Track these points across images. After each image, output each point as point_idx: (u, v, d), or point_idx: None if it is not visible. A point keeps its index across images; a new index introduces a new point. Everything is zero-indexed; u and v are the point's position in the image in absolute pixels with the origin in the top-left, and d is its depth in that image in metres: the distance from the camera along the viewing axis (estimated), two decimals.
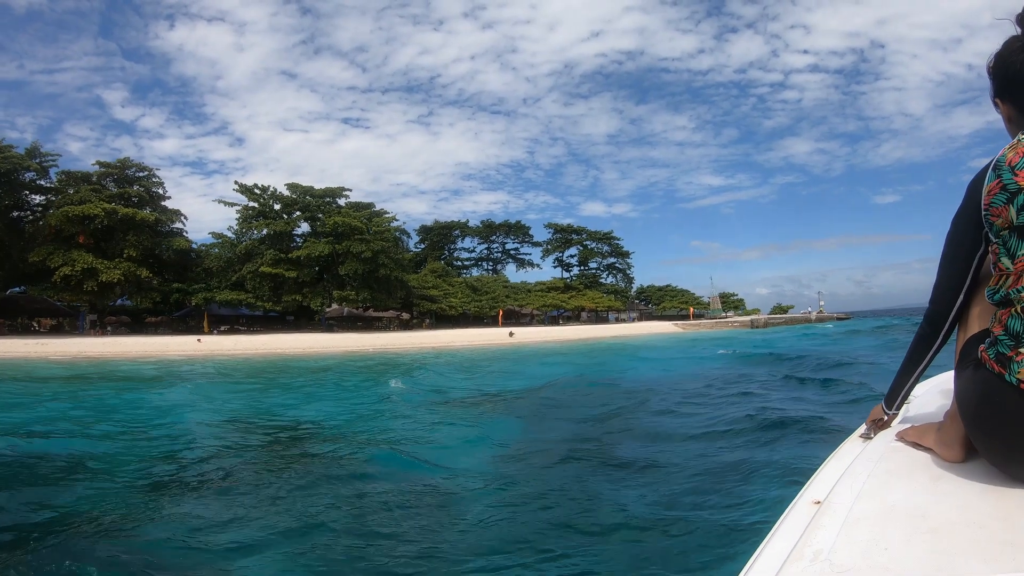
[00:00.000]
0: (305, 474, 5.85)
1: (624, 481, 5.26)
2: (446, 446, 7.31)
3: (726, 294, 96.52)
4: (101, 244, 42.45)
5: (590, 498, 4.78)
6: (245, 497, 5.06)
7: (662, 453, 6.18)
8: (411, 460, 6.39)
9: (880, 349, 21.26)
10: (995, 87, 1.32)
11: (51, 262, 40.10)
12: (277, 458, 6.80)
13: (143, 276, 42.37)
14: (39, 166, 43.22)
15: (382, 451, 7.00)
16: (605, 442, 7.11)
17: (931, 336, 1.43)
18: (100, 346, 34.21)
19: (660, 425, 7.88)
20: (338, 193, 52.90)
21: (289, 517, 4.53)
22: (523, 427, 8.56)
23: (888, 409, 1.58)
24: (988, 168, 1.23)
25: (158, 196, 48.08)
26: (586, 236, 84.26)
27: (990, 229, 1.22)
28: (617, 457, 6.17)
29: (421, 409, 10.55)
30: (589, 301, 74.73)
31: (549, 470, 5.76)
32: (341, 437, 8.04)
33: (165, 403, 11.59)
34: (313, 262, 47.57)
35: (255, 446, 7.56)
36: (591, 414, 9.15)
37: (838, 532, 1.00)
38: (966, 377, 1.25)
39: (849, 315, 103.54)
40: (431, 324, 60.79)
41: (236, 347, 36.76)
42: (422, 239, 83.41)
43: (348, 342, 40.39)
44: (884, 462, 1.34)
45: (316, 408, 11.07)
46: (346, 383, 16.13)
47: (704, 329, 65.43)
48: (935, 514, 1.03)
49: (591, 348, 34.78)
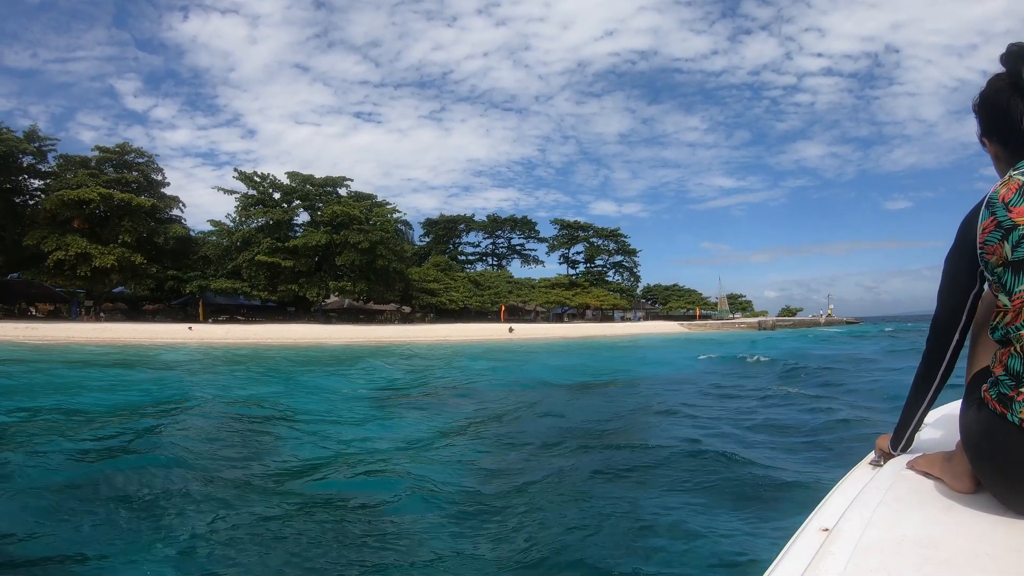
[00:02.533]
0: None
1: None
2: (373, 446, 6.42)
3: (734, 296, 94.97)
4: (96, 229, 41.95)
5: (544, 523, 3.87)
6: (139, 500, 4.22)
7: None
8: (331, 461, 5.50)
9: (884, 355, 20.09)
10: (981, 126, 1.32)
11: (45, 246, 39.68)
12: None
13: (137, 262, 41.81)
14: (37, 150, 42.79)
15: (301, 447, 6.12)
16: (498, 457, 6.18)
17: (930, 375, 1.39)
18: (89, 332, 33.74)
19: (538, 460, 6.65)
20: (339, 183, 52.10)
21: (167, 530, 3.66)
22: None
23: (893, 449, 1.53)
24: (981, 206, 1.22)
25: (157, 183, 47.54)
26: (592, 233, 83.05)
27: (985, 267, 1.22)
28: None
29: (365, 405, 9.69)
30: (594, 299, 73.58)
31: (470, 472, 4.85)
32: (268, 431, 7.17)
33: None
34: (310, 252, 46.80)
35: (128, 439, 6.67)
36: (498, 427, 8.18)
37: (847, 561, 0.98)
38: (970, 416, 1.26)
39: (859, 320, 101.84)
40: (433, 319, 60.03)
41: (227, 336, 36.18)
42: (427, 232, 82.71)
43: (342, 334, 39.68)
44: (894, 490, 1.31)
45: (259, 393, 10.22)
46: (311, 375, 15.32)
47: (710, 330, 64.25)
48: (947, 544, 1.02)
49: (567, 345, 33.88)
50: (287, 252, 45.97)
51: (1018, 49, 1.23)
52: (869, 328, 64.56)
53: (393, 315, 60.33)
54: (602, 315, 78.68)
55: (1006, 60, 1.24)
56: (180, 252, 46.97)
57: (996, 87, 1.26)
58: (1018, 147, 1.25)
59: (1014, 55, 1.23)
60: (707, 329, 65.49)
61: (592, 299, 73.42)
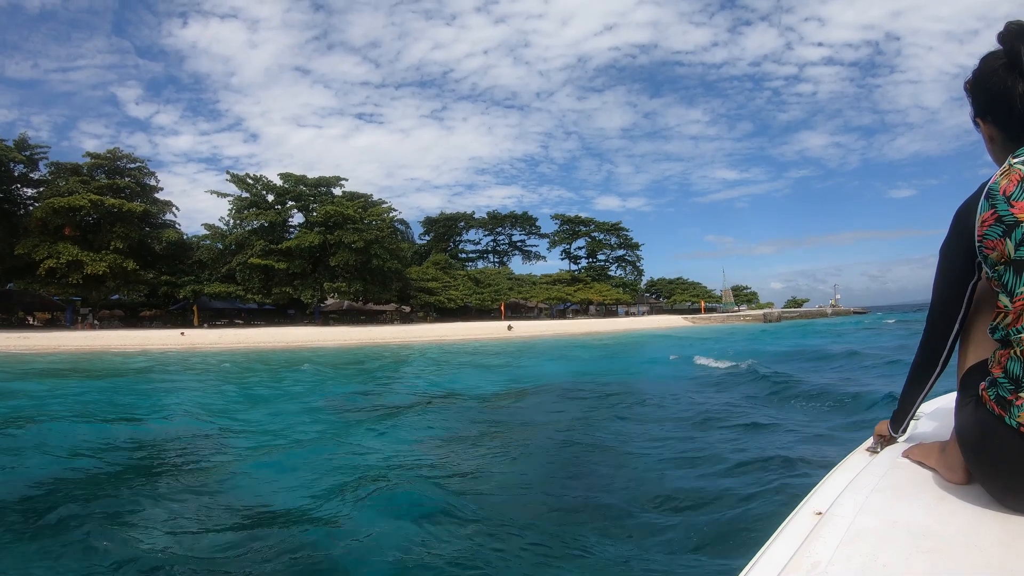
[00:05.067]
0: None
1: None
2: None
3: (739, 288, 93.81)
4: (88, 236, 41.66)
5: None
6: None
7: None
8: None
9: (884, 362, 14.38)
10: (975, 107, 1.28)
11: (36, 255, 39.40)
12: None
13: (130, 268, 41.47)
14: (27, 158, 42.55)
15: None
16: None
17: (930, 364, 1.39)
18: (80, 340, 33.36)
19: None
20: (333, 182, 51.58)
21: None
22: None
23: (895, 432, 1.55)
24: (980, 196, 1.18)
25: (150, 188, 47.23)
26: (594, 227, 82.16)
27: (984, 261, 1.19)
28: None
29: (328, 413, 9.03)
30: (596, 294, 72.78)
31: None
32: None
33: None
34: (304, 253, 46.30)
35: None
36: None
37: (837, 545, 0.99)
38: (967, 413, 1.24)
39: (866, 310, 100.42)
40: (435, 318, 59.45)
41: (220, 341, 35.68)
42: (427, 231, 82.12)
43: (338, 335, 39.14)
44: (888, 478, 1.32)
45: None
46: (290, 378, 14.72)
47: (714, 323, 63.33)
48: (936, 534, 1.02)
49: (527, 344, 33.09)
50: (281, 254, 45.51)
51: (1017, 28, 1.18)
52: (854, 320, 60.26)
53: (393, 315, 59.83)
54: (605, 310, 77.83)
55: (1003, 39, 1.20)
56: (175, 257, 46.63)
57: (992, 66, 1.22)
58: (1016, 130, 1.21)
59: (1012, 33, 1.19)
60: (711, 322, 64.53)
61: (594, 294, 72.61)
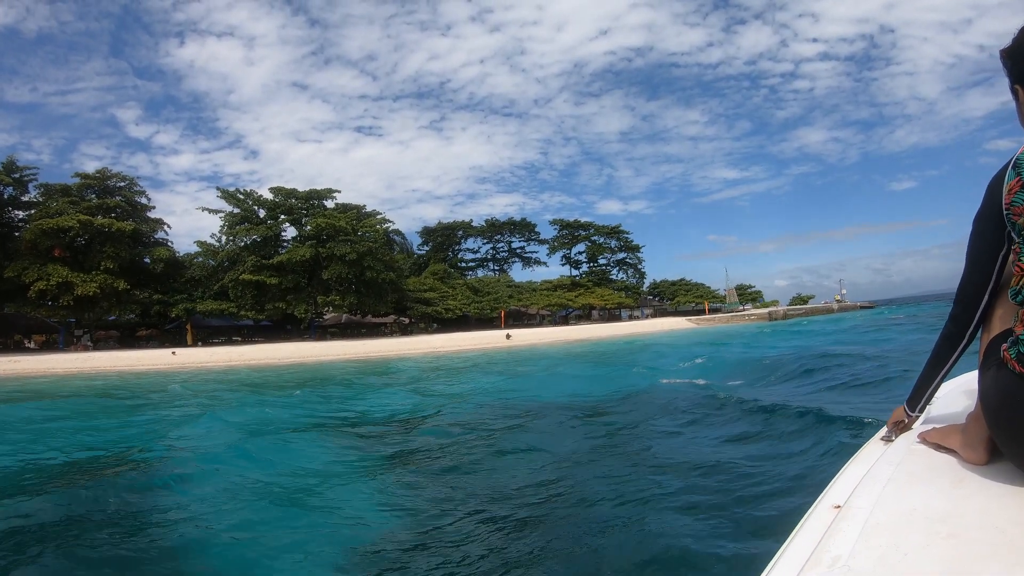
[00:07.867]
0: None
1: None
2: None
3: (743, 286, 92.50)
4: (79, 257, 41.26)
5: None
6: None
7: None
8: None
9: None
10: (1013, 74, 1.22)
11: (26, 277, 38.95)
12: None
13: (120, 288, 41.00)
14: (16, 180, 42.30)
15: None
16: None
17: (957, 336, 1.38)
18: (71, 362, 32.83)
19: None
20: (325, 195, 51.05)
21: None
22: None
23: (911, 411, 1.52)
24: (1008, 166, 1.21)
25: (141, 206, 46.88)
26: (593, 231, 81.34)
27: (1012, 228, 1.20)
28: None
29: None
30: (597, 299, 71.87)
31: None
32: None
33: None
34: (296, 267, 45.71)
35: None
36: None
37: (857, 537, 1.00)
38: (989, 377, 1.23)
39: (874, 304, 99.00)
40: (434, 328, 58.71)
41: (211, 359, 35.17)
42: (425, 241, 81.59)
43: (330, 350, 38.56)
44: (905, 465, 1.32)
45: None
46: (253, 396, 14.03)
47: (718, 324, 62.32)
48: (955, 519, 1.02)
49: (545, 353, 32.29)
50: (272, 269, 44.93)
51: None
52: (854, 317, 58.70)
53: (393, 327, 59.16)
54: (608, 314, 76.88)
55: None
56: (167, 275, 46.16)
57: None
58: None
59: None
60: (715, 323, 63.51)
61: (596, 299, 71.71)
